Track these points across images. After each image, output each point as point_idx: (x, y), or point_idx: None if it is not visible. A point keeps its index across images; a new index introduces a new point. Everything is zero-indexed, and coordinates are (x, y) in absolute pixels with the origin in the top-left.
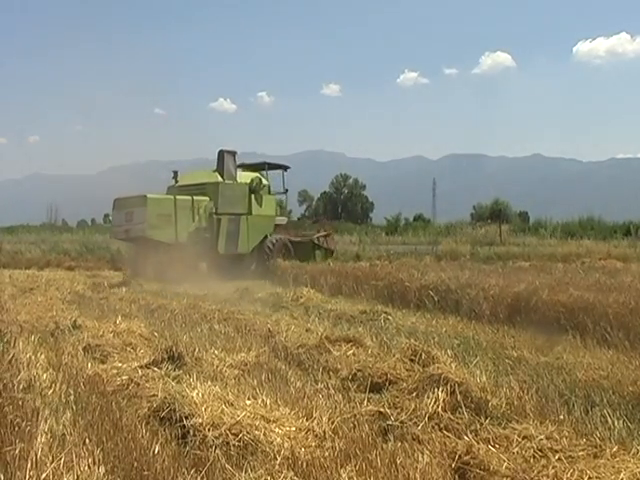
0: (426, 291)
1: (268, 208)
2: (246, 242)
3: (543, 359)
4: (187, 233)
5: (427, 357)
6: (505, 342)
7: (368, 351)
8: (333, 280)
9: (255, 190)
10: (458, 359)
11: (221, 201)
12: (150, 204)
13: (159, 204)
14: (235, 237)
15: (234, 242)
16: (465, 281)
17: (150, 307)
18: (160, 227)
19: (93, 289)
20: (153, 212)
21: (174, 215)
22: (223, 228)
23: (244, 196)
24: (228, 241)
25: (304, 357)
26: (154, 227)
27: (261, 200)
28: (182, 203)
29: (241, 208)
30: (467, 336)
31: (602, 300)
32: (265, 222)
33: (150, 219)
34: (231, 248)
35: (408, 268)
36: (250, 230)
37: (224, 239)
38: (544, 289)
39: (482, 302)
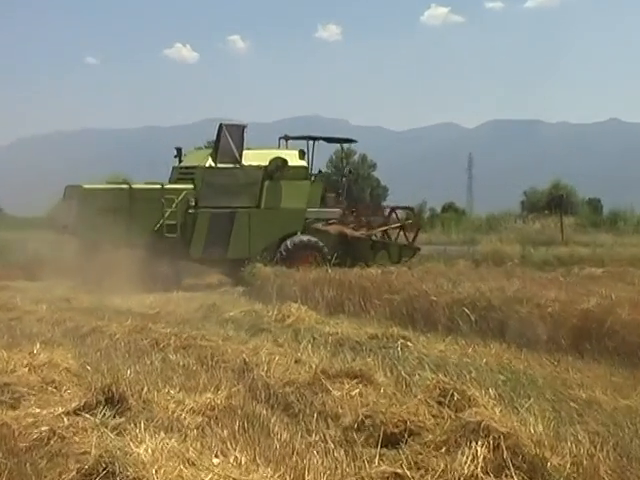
0: (460, 308)
1: (294, 199)
2: (246, 244)
3: (623, 402)
4: (148, 232)
5: (461, 398)
6: (569, 378)
7: (380, 390)
8: (332, 293)
9: (274, 176)
10: (504, 401)
11: (204, 191)
12: (84, 197)
13: (98, 196)
14: (224, 237)
15: (221, 244)
16: (513, 294)
17: (81, 331)
18: (99, 225)
19: (0, 306)
20: (88, 207)
21: (127, 210)
22: (201, 226)
23: (249, 184)
24: (209, 242)
25: (292, 398)
26: (89, 225)
27: (281, 189)
28: (142, 194)
29: (241, 200)
30: (516, 370)
31: None
32: (285, 217)
33: (82, 215)
34: (215, 251)
35: (435, 276)
36: (256, 228)
37: (202, 240)
38: (624, 305)
39: (537, 323)
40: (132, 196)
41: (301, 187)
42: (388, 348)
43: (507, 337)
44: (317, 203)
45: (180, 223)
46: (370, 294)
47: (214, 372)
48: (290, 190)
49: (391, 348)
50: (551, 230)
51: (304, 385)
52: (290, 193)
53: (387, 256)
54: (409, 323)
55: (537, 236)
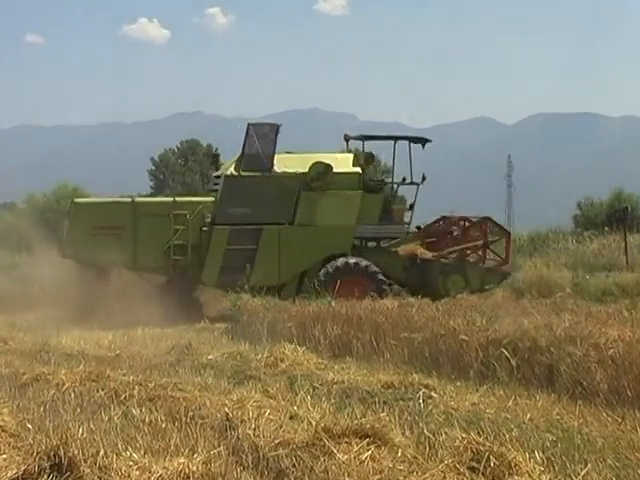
0: (497, 350)
1: (339, 213)
2: (274, 268)
3: None
4: (156, 254)
5: (499, 464)
6: (637, 439)
7: (397, 453)
8: (337, 331)
9: (312, 185)
10: (554, 468)
11: (223, 204)
12: (75, 212)
13: (93, 212)
14: (245, 260)
15: (242, 268)
16: (565, 333)
17: (20, 379)
18: (94, 246)
19: None
20: (80, 224)
21: (130, 228)
22: (216, 246)
23: (281, 196)
24: (227, 266)
25: (287, 464)
26: (81, 245)
27: (322, 201)
28: (147, 209)
29: (269, 215)
30: (569, 428)
31: None
32: (326, 236)
33: (74, 234)
34: (234, 277)
35: (465, 310)
36: (288, 249)
37: (217, 263)
38: None
39: (595, 370)
40: (135, 212)
41: (350, 199)
42: (407, 400)
43: (557, 386)
44: (375, 217)
45: (192, 243)
46: (384, 332)
47: (189, 430)
48: (335, 202)
49: (411, 400)
50: (612, 252)
51: (301, 447)
52: (335, 206)
53: (462, 282)
54: (433, 369)
55: (595, 259)
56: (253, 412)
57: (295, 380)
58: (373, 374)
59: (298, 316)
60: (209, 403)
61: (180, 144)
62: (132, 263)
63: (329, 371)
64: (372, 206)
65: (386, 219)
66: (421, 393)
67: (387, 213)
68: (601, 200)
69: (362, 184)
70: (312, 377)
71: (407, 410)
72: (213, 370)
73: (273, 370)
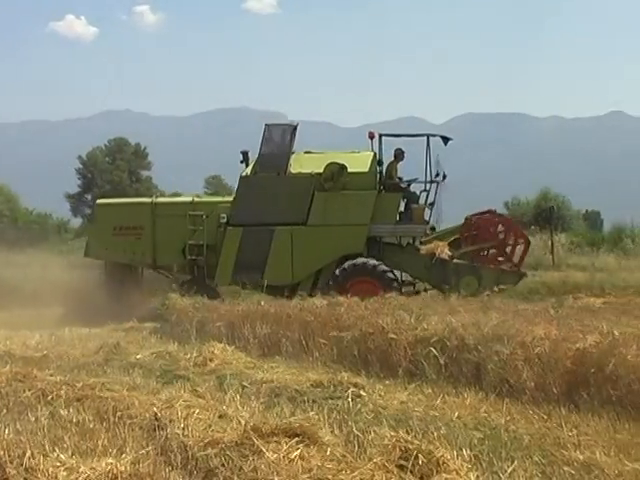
0: (425, 348)
1: (353, 212)
2: (287, 268)
3: (630, 466)
4: (174, 254)
5: (427, 462)
6: (563, 436)
7: (326, 452)
8: (266, 330)
9: (326, 185)
10: (482, 465)
11: (238, 205)
12: (98, 213)
13: (114, 213)
14: (258, 260)
15: (255, 268)
16: (492, 331)
17: None
18: (116, 245)
19: None
20: (103, 224)
21: (149, 228)
22: (229, 246)
23: (295, 196)
24: (240, 266)
25: (216, 463)
26: (103, 245)
27: (336, 201)
28: (165, 209)
29: (283, 215)
30: (496, 425)
31: None
32: (339, 236)
33: (96, 234)
34: (247, 277)
35: (394, 309)
36: (300, 249)
37: (230, 263)
38: (630, 345)
39: (522, 367)
40: (154, 212)
41: (364, 198)
42: (336, 399)
43: (485, 384)
44: (392, 217)
45: (208, 243)
46: (313, 331)
47: (117, 431)
48: (348, 202)
49: (340, 399)
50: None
51: (230, 446)
52: (348, 206)
53: (476, 283)
54: (362, 367)
55: None
56: (182, 412)
57: (224, 379)
58: (302, 373)
59: (227, 315)
60: (137, 403)
61: (108, 142)
62: (151, 262)
63: (258, 370)
64: (389, 205)
65: (405, 218)
66: (350, 392)
67: (406, 212)
68: (528, 199)
69: (378, 184)
70: (241, 376)
71: (336, 409)
72: (142, 370)
73: (202, 369)
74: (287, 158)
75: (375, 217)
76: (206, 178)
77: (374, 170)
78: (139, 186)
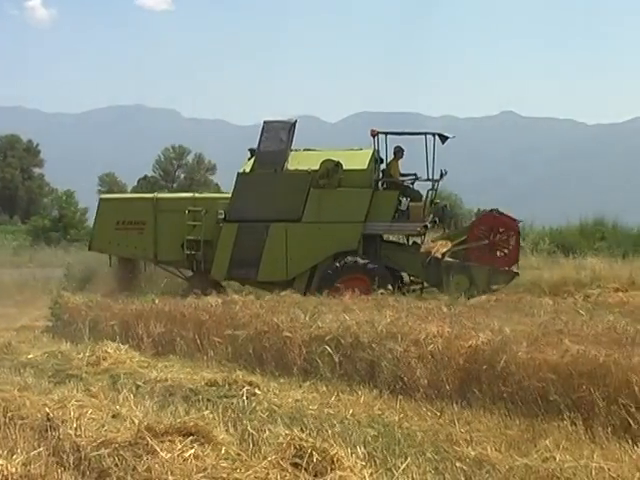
0: (320, 346)
1: (347, 210)
2: (282, 264)
3: (520, 461)
4: (174, 249)
5: (322, 459)
6: (455, 432)
7: (221, 450)
8: (160, 329)
9: (320, 182)
10: (375, 462)
11: (235, 201)
12: (101, 208)
13: (117, 207)
14: (253, 256)
15: (250, 263)
16: (386, 329)
17: None
18: (119, 239)
19: None
20: (107, 219)
21: (151, 223)
22: (225, 241)
23: (291, 193)
24: (236, 262)
25: (109, 463)
26: (106, 239)
27: (330, 199)
28: (167, 205)
29: (278, 212)
30: (390, 423)
31: (621, 360)
32: (332, 233)
33: (100, 228)
34: (242, 272)
35: (289, 307)
36: (294, 246)
37: (226, 258)
38: (520, 342)
39: (415, 365)
40: (156, 207)
41: (358, 196)
42: (231, 397)
43: (379, 382)
44: (388, 215)
45: (206, 239)
46: (208, 330)
47: (7, 431)
48: (342, 200)
49: (235, 397)
50: None
51: (124, 446)
52: (342, 203)
53: (467, 282)
54: (257, 366)
55: None
56: (74, 412)
57: (118, 379)
58: (197, 372)
59: (121, 314)
60: (29, 403)
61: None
62: (153, 257)
63: (152, 369)
64: (385, 203)
65: (403, 216)
66: (245, 390)
67: (403, 210)
68: None
69: (376, 181)
70: (135, 375)
71: (231, 407)
72: (33, 369)
73: (95, 369)
74: (285, 155)
75: (371, 215)
76: (100, 175)
77: (372, 168)
78: (31, 183)
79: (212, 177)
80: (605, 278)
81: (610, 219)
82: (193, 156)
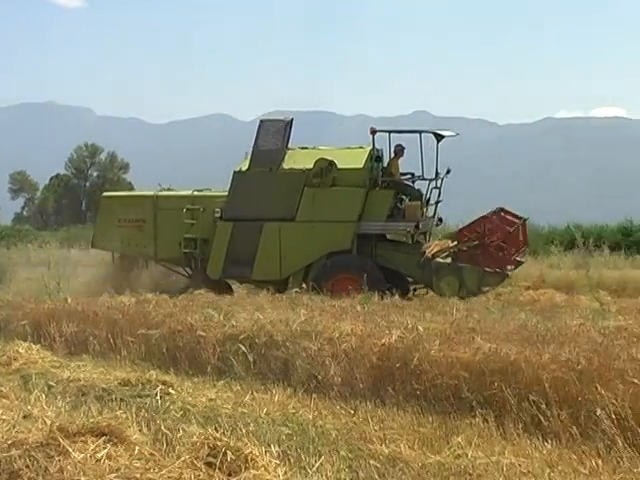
0: (234, 345)
1: (340, 209)
2: (275, 263)
3: (433, 458)
4: (173, 247)
5: (236, 458)
6: (369, 430)
7: (134, 450)
8: (73, 328)
9: (315, 182)
10: (290, 461)
11: (231, 200)
12: (103, 205)
13: (119, 205)
14: (248, 255)
15: (244, 262)
16: (300, 328)
17: None
18: (120, 237)
19: None
20: (108, 216)
21: (151, 221)
22: (220, 240)
23: (286, 192)
24: (230, 260)
25: (20, 464)
26: (108, 236)
27: (323, 198)
28: (166, 203)
29: (273, 211)
30: (304, 421)
31: (531, 358)
32: (326, 232)
33: (102, 225)
34: (237, 271)
35: (203, 306)
36: (288, 245)
37: (221, 256)
38: (433, 340)
39: (329, 363)
40: (156, 205)
41: (351, 195)
42: (144, 397)
43: (293, 381)
44: (382, 214)
45: (202, 237)
46: (121, 329)
47: None
48: (336, 199)
49: (148, 397)
50: None
51: (35, 447)
52: (335, 202)
53: (457, 283)
54: (171, 365)
55: None
56: None
57: (29, 379)
58: (110, 371)
59: (32, 314)
60: None
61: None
62: (153, 254)
63: (65, 369)
64: (379, 203)
65: (398, 215)
66: (159, 390)
67: (399, 209)
68: None
69: (372, 180)
70: (47, 375)
71: (144, 407)
72: None
73: (6, 369)
74: (281, 154)
75: (365, 214)
76: (11, 174)
77: (368, 167)
78: None
79: (125, 176)
80: (516, 277)
81: None
82: (106, 154)
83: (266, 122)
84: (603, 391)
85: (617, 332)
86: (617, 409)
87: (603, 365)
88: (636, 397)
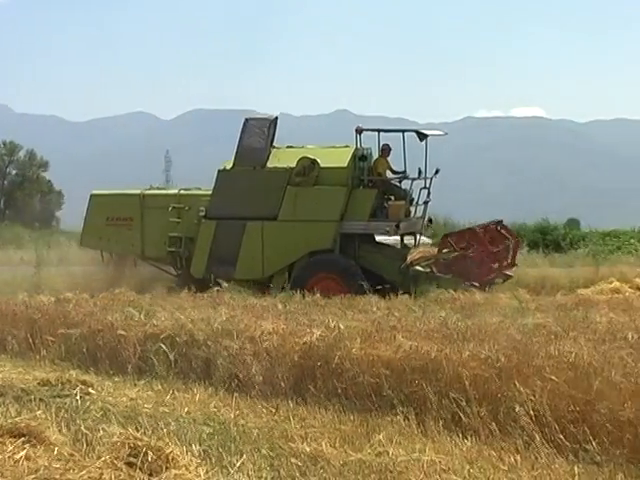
0: (155, 345)
1: (322, 208)
2: (258, 262)
3: (354, 456)
4: (159, 245)
5: (157, 458)
6: (290, 429)
7: (53, 451)
8: None
9: (297, 180)
10: (211, 460)
11: (215, 198)
12: (92, 204)
13: (107, 203)
14: (231, 254)
15: (227, 261)
16: (222, 326)
17: None
18: (108, 235)
19: None
20: (97, 215)
21: (138, 219)
22: (203, 239)
23: (270, 191)
24: (213, 259)
25: None
26: (97, 235)
27: (305, 197)
28: (153, 201)
29: (256, 209)
30: (225, 420)
31: (452, 356)
32: (307, 231)
33: (91, 224)
34: (220, 270)
35: (123, 305)
36: (270, 244)
37: (204, 255)
38: (355, 338)
39: (251, 362)
40: (143, 204)
41: (333, 194)
42: (64, 397)
43: (214, 380)
44: (364, 214)
45: (187, 236)
46: (40, 328)
47: None
48: (317, 198)
49: (68, 397)
50: None
51: None
52: (317, 201)
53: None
54: (91, 365)
55: None
56: None
57: None
58: (29, 371)
59: None
60: None
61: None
62: (140, 253)
63: None
64: (362, 202)
65: (381, 215)
66: (78, 389)
67: (382, 209)
68: None
69: (356, 179)
70: None
71: (64, 407)
72: None
73: None
74: (266, 152)
75: (347, 214)
76: None
77: (352, 166)
78: None
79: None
80: None
81: (440, 217)
82: (25, 152)
83: (250, 121)
84: (522, 388)
85: (535, 330)
86: (535, 405)
87: (522, 362)
88: (554, 394)
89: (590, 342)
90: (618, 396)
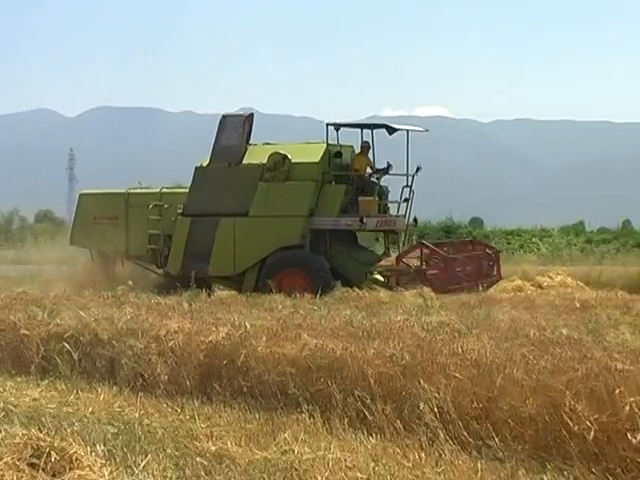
0: (58, 344)
1: (291, 204)
2: (230, 259)
3: (259, 454)
4: (142, 243)
5: (60, 459)
6: (195, 428)
7: None
8: None
9: (267, 176)
10: (116, 460)
11: (191, 195)
12: (80, 203)
13: (94, 202)
14: (205, 250)
15: (202, 258)
16: (126, 326)
17: None
18: (96, 234)
19: None
20: (85, 214)
21: (123, 218)
22: (179, 236)
23: (243, 187)
24: (189, 256)
25: None
26: (85, 233)
27: (275, 192)
28: (137, 200)
29: (229, 206)
30: (130, 420)
31: (357, 353)
32: (276, 227)
33: (79, 223)
34: (195, 267)
35: (26, 304)
36: (242, 240)
37: (180, 252)
38: (260, 337)
39: (156, 361)
40: (127, 202)
41: (302, 189)
42: None
43: (119, 379)
44: (334, 209)
45: (166, 233)
46: None
47: None
48: (287, 193)
49: None
50: None
51: None
52: (286, 197)
53: None
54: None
55: None
56: None
57: None
58: None
59: None
60: None
61: None
62: (125, 251)
63: None
64: (331, 197)
65: (352, 211)
66: None
67: (353, 205)
68: None
69: (327, 175)
70: None
71: None
72: None
73: None
74: (242, 149)
75: (318, 209)
76: None
77: (325, 162)
78: None
79: None
80: None
81: None
82: None
83: (227, 118)
84: (426, 385)
85: (439, 327)
86: (439, 403)
87: (426, 360)
88: (457, 391)
89: (493, 340)
90: (520, 393)
